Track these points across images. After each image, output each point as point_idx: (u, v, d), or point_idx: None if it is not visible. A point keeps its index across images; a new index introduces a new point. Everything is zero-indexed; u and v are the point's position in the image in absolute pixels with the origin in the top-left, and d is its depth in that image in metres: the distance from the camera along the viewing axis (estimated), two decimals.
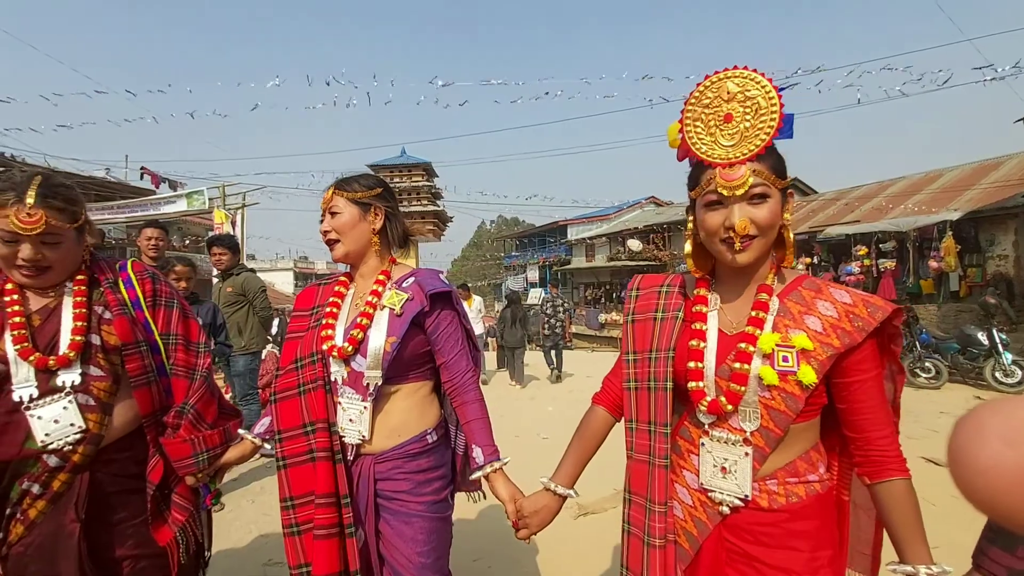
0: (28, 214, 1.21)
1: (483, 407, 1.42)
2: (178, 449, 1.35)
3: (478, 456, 1.36)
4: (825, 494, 1.02)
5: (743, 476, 0.99)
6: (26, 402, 1.23)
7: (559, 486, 1.22)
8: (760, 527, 1.00)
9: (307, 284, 1.78)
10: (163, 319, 1.45)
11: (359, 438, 1.34)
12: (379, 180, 1.48)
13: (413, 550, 1.32)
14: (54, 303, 1.32)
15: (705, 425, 1.04)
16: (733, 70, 0.97)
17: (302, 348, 1.42)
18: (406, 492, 1.35)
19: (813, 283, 1.03)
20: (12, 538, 1.24)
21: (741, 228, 0.95)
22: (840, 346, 0.94)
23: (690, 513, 1.06)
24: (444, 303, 1.41)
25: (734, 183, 0.95)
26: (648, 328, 1.14)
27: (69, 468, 1.27)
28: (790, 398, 0.95)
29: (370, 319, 1.36)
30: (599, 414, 1.26)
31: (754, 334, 0.99)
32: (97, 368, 1.31)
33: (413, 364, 1.40)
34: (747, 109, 0.95)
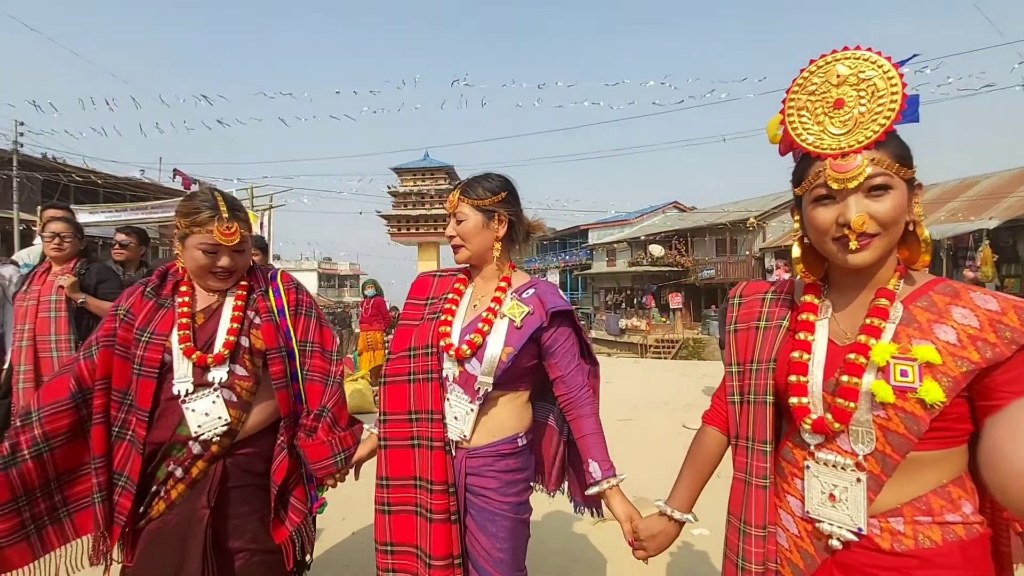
0: (228, 227, 1.39)
1: (598, 422, 1.43)
2: (318, 451, 1.45)
3: (595, 471, 1.36)
4: (971, 541, 0.84)
5: (855, 506, 0.87)
6: (183, 396, 1.36)
7: (675, 511, 1.15)
8: (880, 571, 0.86)
9: (330, 284, 1.83)
10: (302, 327, 1.56)
11: (460, 436, 1.39)
12: (504, 182, 1.48)
13: (494, 545, 1.38)
14: (217, 305, 1.47)
15: (811, 446, 0.93)
16: (843, 51, 0.87)
17: (417, 338, 1.46)
18: (493, 490, 1.39)
19: (950, 287, 0.88)
20: (154, 514, 1.37)
21: (858, 224, 0.84)
22: (980, 361, 0.80)
23: (795, 543, 0.95)
24: (563, 320, 1.44)
25: (848, 174, 0.84)
26: (750, 338, 1.06)
27: (207, 457, 1.38)
28: (910, 419, 0.82)
29: (490, 325, 1.39)
30: (710, 434, 1.17)
31: (867, 344, 0.87)
32: (243, 368, 1.42)
33: (522, 374, 1.43)
34: (861, 92, 0.85)
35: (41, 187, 16.05)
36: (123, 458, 1.37)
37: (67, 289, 2.74)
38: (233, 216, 1.41)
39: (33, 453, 1.32)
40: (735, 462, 1.05)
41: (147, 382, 1.36)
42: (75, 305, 2.78)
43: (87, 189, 16.41)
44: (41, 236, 2.91)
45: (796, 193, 0.95)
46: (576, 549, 2.82)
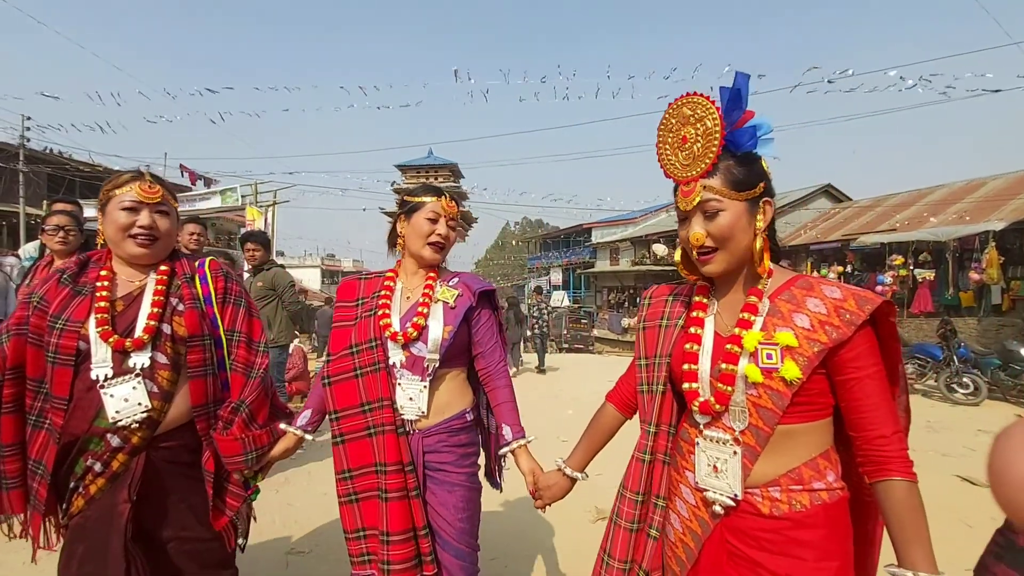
0: (150, 186, 1.41)
1: (511, 391, 1.61)
2: (229, 447, 1.43)
3: (507, 434, 1.55)
4: (834, 503, 1.00)
5: (733, 475, 1.02)
6: (101, 381, 1.33)
7: (568, 468, 1.37)
8: (763, 533, 1.01)
9: (334, 280, 1.87)
10: (230, 316, 1.53)
11: (418, 413, 1.50)
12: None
13: (455, 516, 1.50)
14: (137, 292, 1.43)
15: (701, 425, 1.08)
16: (689, 96, 1.04)
17: (357, 335, 1.54)
18: (450, 463, 1.53)
19: (806, 282, 1.05)
20: (74, 510, 1.36)
21: (695, 241, 1.04)
22: (828, 341, 0.95)
23: (693, 512, 1.10)
24: (487, 301, 1.64)
25: (687, 199, 1.04)
26: (654, 335, 1.22)
27: (128, 450, 1.35)
28: (776, 395, 0.98)
29: (428, 309, 1.54)
30: (608, 411, 1.38)
31: (740, 335, 1.03)
32: (163, 355, 1.39)
33: (460, 351, 1.58)
34: (698, 131, 1.02)
35: (47, 181, 16.11)
36: (41, 447, 1.35)
37: None
38: (157, 180, 1.44)
39: None
40: (638, 443, 1.22)
41: (62, 370, 1.32)
42: None
43: (93, 184, 16.48)
44: (43, 230, 2.91)
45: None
46: (575, 544, 2.82)
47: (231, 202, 11.40)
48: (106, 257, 1.47)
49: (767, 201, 1.04)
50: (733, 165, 1.02)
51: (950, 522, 3.03)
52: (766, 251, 1.05)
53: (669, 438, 1.17)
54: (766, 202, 1.04)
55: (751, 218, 1.03)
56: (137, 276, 1.45)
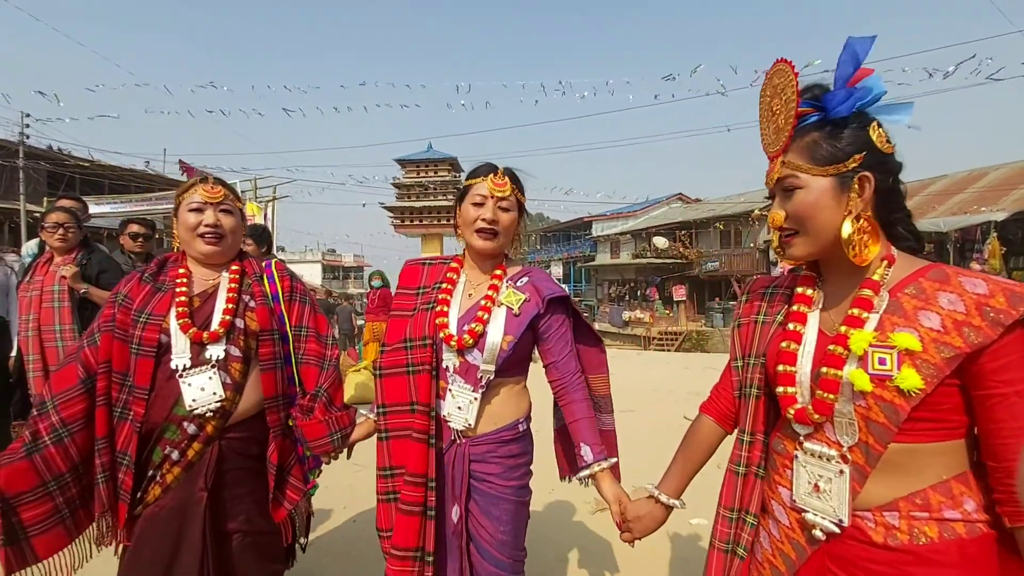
0: (212, 187, 1.52)
1: (590, 406, 1.44)
2: (315, 429, 1.49)
3: (586, 454, 1.37)
4: (972, 540, 0.82)
5: (839, 497, 0.88)
6: (180, 371, 1.41)
7: (663, 495, 1.17)
8: (873, 565, 0.85)
9: (335, 276, 1.85)
10: (297, 313, 1.62)
11: (464, 425, 1.40)
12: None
13: (497, 528, 1.40)
14: (212, 289, 1.53)
15: (800, 436, 0.94)
16: (777, 64, 0.93)
17: (412, 329, 1.44)
18: (496, 476, 1.41)
19: (941, 272, 0.86)
20: (150, 499, 1.41)
21: (772, 222, 0.94)
22: (964, 345, 0.78)
23: (787, 534, 0.97)
24: (558, 306, 1.46)
25: (768, 176, 0.95)
26: (751, 332, 1.10)
27: (203, 438, 1.42)
28: (889, 408, 0.82)
29: (489, 314, 1.40)
30: (705, 424, 1.19)
31: (847, 334, 0.87)
32: (236, 348, 1.47)
33: (520, 361, 1.46)
34: (782, 102, 0.92)
35: (47, 178, 16.10)
36: (126, 438, 1.41)
37: (69, 279, 2.76)
38: (218, 182, 1.55)
39: (53, 439, 1.36)
40: (731, 454, 1.08)
41: (145, 361, 1.41)
42: (78, 295, 2.79)
43: (92, 181, 16.46)
44: (41, 227, 2.92)
45: None
46: (575, 536, 2.84)
47: None
48: (182, 258, 1.58)
49: (864, 176, 0.87)
50: (821, 136, 0.89)
51: None
52: (869, 236, 0.89)
53: (764, 448, 1.03)
54: (862, 177, 0.87)
55: (841, 196, 0.88)
56: (211, 275, 1.55)
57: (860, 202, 0.88)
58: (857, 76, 0.88)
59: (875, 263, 0.91)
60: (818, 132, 0.90)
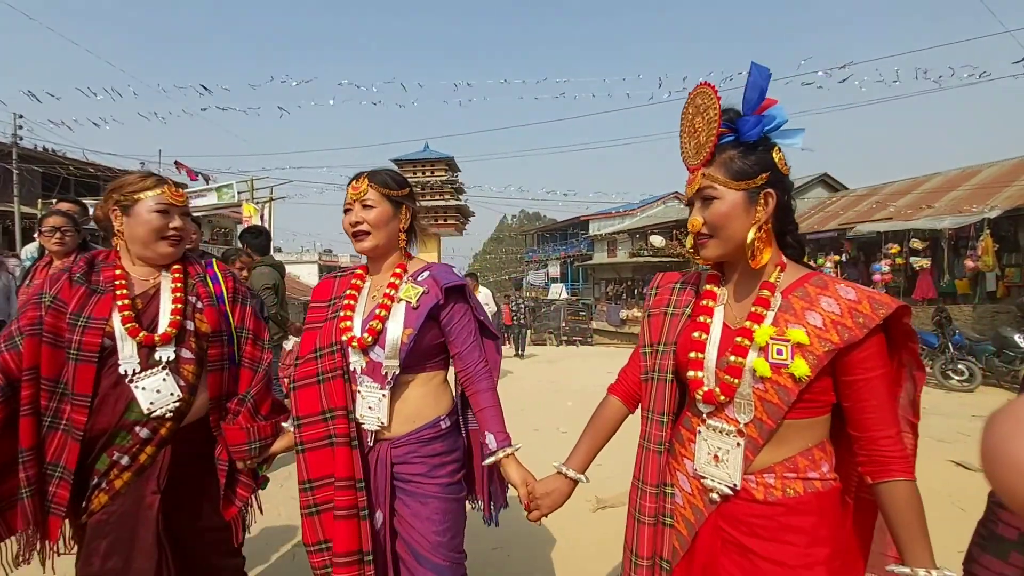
0: (176, 190, 1.49)
1: (495, 395, 1.47)
2: (236, 435, 1.47)
3: (491, 442, 1.41)
4: (827, 492, 1.01)
5: (734, 466, 1.02)
6: (130, 375, 1.36)
7: (570, 470, 1.27)
8: (755, 519, 1.01)
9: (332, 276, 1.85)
10: (239, 314, 1.61)
11: (378, 424, 1.40)
12: (405, 179, 1.55)
13: (429, 528, 1.39)
14: (152, 290, 1.48)
15: (704, 414, 1.08)
16: (700, 87, 1.05)
17: (321, 338, 1.46)
18: (422, 475, 1.41)
19: (821, 280, 1.04)
20: (95, 507, 1.36)
21: (690, 226, 1.07)
22: (839, 342, 0.95)
23: (688, 500, 1.10)
24: (458, 296, 1.47)
25: (688, 187, 1.08)
26: (659, 322, 1.21)
27: (156, 441, 1.39)
28: (783, 390, 0.97)
29: (388, 311, 1.42)
30: (612, 404, 1.32)
31: (751, 328, 1.02)
32: (188, 351, 1.45)
33: (428, 354, 1.46)
34: (703, 120, 1.04)
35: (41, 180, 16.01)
36: (58, 448, 1.34)
37: None
38: (177, 185, 1.53)
39: None
40: (640, 430, 1.20)
41: (86, 367, 1.33)
42: None
43: (87, 182, 16.38)
44: (40, 231, 2.92)
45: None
46: (575, 535, 2.86)
47: (227, 199, 11.33)
48: (114, 256, 1.50)
49: (768, 192, 1.01)
50: (736, 155, 1.02)
51: (943, 506, 3.09)
52: (764, 244, 1.03)
53: (663, 427, 1.17)
54: (767, 193, 1.02)
55: (750, 208, 1.02)
56: (151, 275, 1.50)
57: (764, 214, 1.02)
58: (764, 105, 1.02)
59: (770, 267, 1.07)
60: (733, 151, 1.03)
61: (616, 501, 3.30)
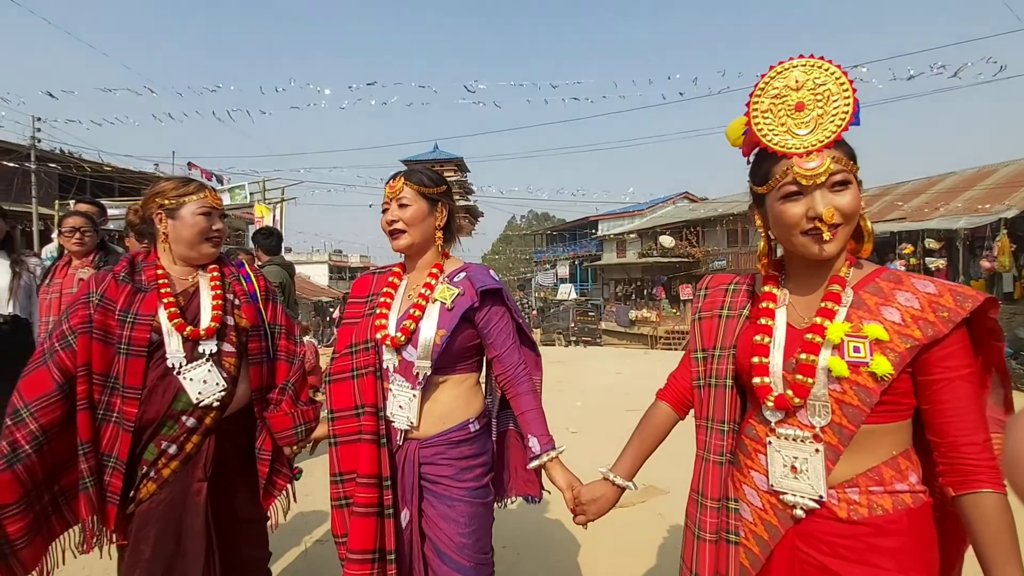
0: (215, 194, 1.57)
1: (537, 398, 1.46)
2: (281, 421, 1.56)
3: (534, 446, 1.40)
4: (918, 509, 0.92)
5: (815, 475, 0.93)
6: (177, 368, 1.45)
7: (618, 476, 1.22)
8: (838, 539, 0.92)
9: (341, 276, 1.91)
10: (271, 311, 1.71)
11: (407, 424, 1.40)
12: (443, 177, 1.55)
13: (455, 531, 1.39)
14: (192, 288, 1.56)
15: (772, 423, 0.99)
16: (798, 59, 0.95)
17: (357, 334, 1.49)
18: (449, 477, 1.41)
19: (893, 274, 0.97)
20: (143, 495, 1.43)
21: (829, 216, 0.91)
22: (923, 338, 0.88)
23: (759, 516, 1.01)
24: (494, 299, 1.46)
25: (815, 171, 0.91)
26: (713, 325, 1.14)
27: (201, 431, 1.46)
28: (863, 391, 0.90)
29: (422, 311, 1.42)
30: (661, 409, 1.25)
31: (823, 324, 0.94)
32: (229, 344, 1.54)
33: (461, 356, 1.45)
34: (818, 96, 0.93)
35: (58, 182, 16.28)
36: (111, 439, 1.42)
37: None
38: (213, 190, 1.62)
39: (34, 447, 1.33)
40: (697, 440, 1.13)
41: (136, 360, 1.42)
42: None
43: (103, 183, 16.62)
44: (59, 231, 2.98)
45: (759, 192, 1.01)
46: (580, 534, 2.87)
47: (239, 199, 11.48)
48: (153, 257, 1.58)
49: (861, 181, 0.97)
50: (843, 140, 0.94)
51: None
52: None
53: (723, 437, 1.08)
54: (860, 181, 0.96)
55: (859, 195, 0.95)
56: (189, 274, 1.58)
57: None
58: None
59: (839, 261, 1.00)
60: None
61: (627, 501, 3.29)
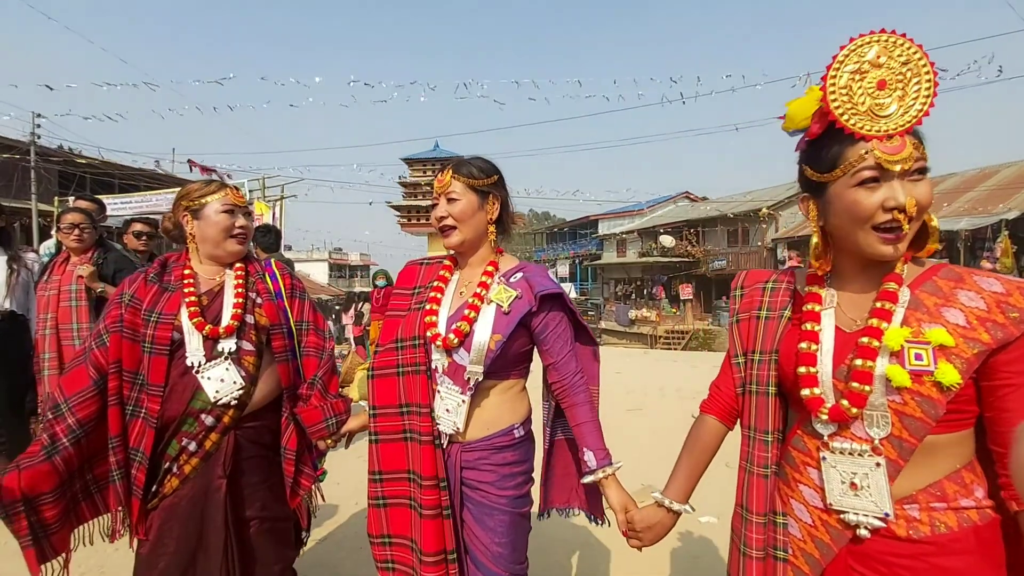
0: (238, 192, 1.62)
1: (594, 409, 1.38)
2: (312, 415, 1.56)
3: (590, 460, 1.32)
4: (985, 525, 0.85)
5: (879, 492, 0.86)
6: (197, 366, 1.47)
7: (674, 503, 1.13)
8: (897, 559, 0.85)
9: (340, 275, 1.89)
10: (298, 309, 1.70)
11: (453, 428, 1.34)
12: (495, 166, 1.44)
13: (492, 540, 1.34)
14: (218, 288, 1.58)
15: (824, 436, 0.92)
16: (878, 33, 0.85)
17: (404, 329, 1.41)
18: (490, 484, 1.35)
19: (952, 272, 0.88)
20: (167, 490, 1.46)
21: (912, 207, 0.82)
22: (991, 341, 0.80)
23: (810, 533, 0.95)
24: (553, 303, 1.37)
25: (899, 156, 0.82)
26: (752, 327, 1.06)
27: (220, 429, 1.48)
28: (927, 402, 0.82)
29: (477, 312, 1.33)
30: (708, 424, 1.16)
31: (879, 327, 0.86)
32: (248, 343, 1.54)
33: (514, 362, 1.38)
34: (899, 75, 0.84)
35: (58, 178, 16.28)
36: (138, 435, 1.46)
37: (86, 279, 2.81)
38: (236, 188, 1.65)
39: (71, 440, 1.42)
40: (740, 451, 1.05)
41: (159, 359, 1.46)
42: (94, 294, 2.84)
43: (102, 180, 16.61)
44: (57, 227, 2.98)
45: (822, 179, 0.90)
46: (587, 535, 2.86)
47: None
48: (184, 258, 1.62)
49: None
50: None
51: None
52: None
53: (767, 448, 1.00)
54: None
55: None
56: (216, 273, 1.61)
57: None
58: None
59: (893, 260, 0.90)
60: None
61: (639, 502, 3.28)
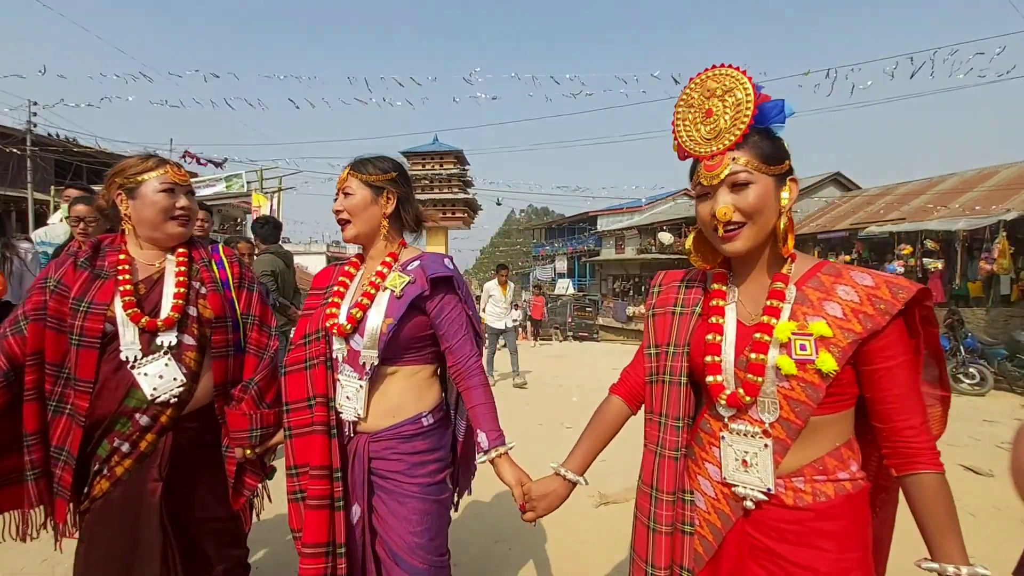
0: (179, 168, 1.48)
1: (488, 392, 1.41)
2: (238, 421, 1.44)
3: (483, 441, 1.35)
4: (857, 494, 0.99)
5: (764, 469, 0.99)
6: (132, 361, 1.34)
7: (569, 472, 1.23)
8: (784, 524, 0.98)
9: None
10: (245, 300, 1.58)
11: (355, 415, 1.37)
12: (395, 164, 1.49)
13: (407, 529, 1.34)
14: (157, 275, 1.45)
15: (725, 418, 1.04)
16: (715, 68, 1.01)
17: (310, 324, 1.46)
18: (400, 472, 1.37)
19: (833, 268, 1.01)
20: (96, 493, 1.35)
21: (721, 214, 0.97)
22: (862, 331, 0.93)
23: (713, 505, 1.06)
24: (446, 288, 1.41)
25: (714, 172, 0.99)
26: (667, 322, 1.16)
27: (156, 429, 1.36)
28: (810, 387, 0.94)
29: (371, 299, 1.38)
30: (614, 404, 1.28)
31: (770, 323, 0.98)
32: (190, 337, 1.42)
33: (411, 346, 1.40)
34: (726, 104, 0.98)
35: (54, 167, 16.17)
36: (62, 433, 1.35)
37: None
38: (178, 165, 1.50)
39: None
40: (646, 435, 1.16)
41: (88, 352, 1.32)
42: None
43: (99, 169, 16.51)
44: (67, 219, 2.96)
45: (692, 195, 1.08)
46: (579, 532, 2.86)
47: (236, 188, 11.39)
48: (120, 241, 1.48)
49: (792, 179, 1.01)
50: (760, 139, 0.98)
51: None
52: (790, 231, 1.00)
53: (679, 433, 1.11)
54: (792, 179, 1.01)
55: (778, 195, 0.99)
56: (155, 259, 1.48)
57: (790, 200, 1.00)
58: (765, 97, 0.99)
59: (778, 259, 1.04)
60: (758, 136, 0.98)
61: (619, 497, 3.29)
